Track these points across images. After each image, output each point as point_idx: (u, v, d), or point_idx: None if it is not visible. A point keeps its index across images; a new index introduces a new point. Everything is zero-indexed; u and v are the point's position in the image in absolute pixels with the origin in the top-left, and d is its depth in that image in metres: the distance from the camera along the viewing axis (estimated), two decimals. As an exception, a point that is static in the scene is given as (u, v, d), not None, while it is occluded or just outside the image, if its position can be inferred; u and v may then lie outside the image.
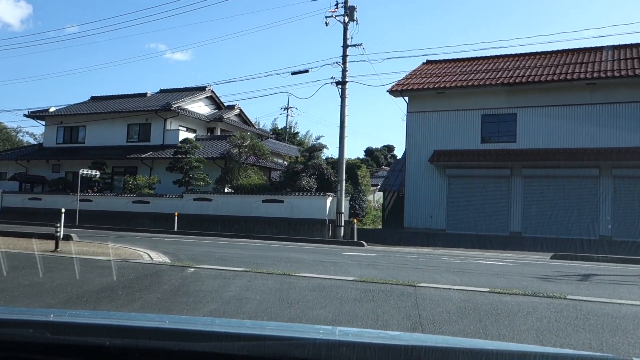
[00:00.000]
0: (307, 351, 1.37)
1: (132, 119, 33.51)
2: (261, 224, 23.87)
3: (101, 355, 1.41)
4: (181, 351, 1.39)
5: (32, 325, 1.54)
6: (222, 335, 1.55)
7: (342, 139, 22.62)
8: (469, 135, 26.73)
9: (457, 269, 10.49)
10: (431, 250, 18.97)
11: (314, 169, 24.48)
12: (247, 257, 12.16)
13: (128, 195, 27.95)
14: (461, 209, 26.44)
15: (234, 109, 37.46)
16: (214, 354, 1.39)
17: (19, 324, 1.60)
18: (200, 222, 25.38)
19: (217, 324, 2.15)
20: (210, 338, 1.49)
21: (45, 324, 1.59)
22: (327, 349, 1.39)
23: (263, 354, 1.38)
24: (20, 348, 1.45)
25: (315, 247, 17.80)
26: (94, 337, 1.49)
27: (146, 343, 1.45)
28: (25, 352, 1.45)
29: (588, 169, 24.04)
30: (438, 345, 1.48)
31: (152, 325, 1.78)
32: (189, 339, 1.46)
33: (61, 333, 1.51)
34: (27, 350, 1.45)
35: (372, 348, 1.42)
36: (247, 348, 1.40)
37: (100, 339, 1.44)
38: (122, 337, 1.47)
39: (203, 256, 11.79)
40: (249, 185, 24.04)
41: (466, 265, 11.50)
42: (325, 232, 22.49)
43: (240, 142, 25.94)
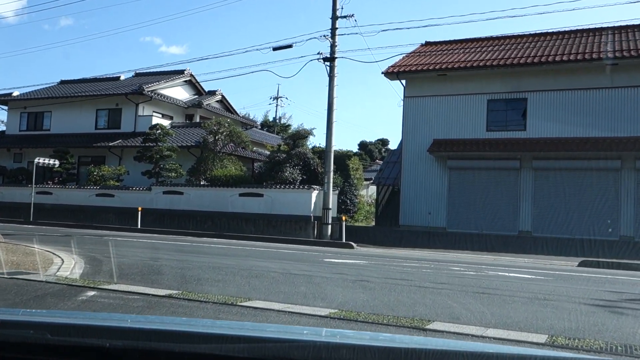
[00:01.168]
0: (307, 353, 1.38)
1: (102, 104, 30.46)
2: (237, 221, 20.94)
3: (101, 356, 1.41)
4: (181, 353, 1.40)
5: (33, 327, 1.56)
6: (223, 337, 1.55)
7: (330, 123, 19.71)
8: (473, 122, 23.87)
9: (478, 289, 7.60)
10: (431, 253, 16.13)
11: (298, 159, 21.55)
12: (197, 267, 9.24)
13: (91, 188, 24.94)
14: (464, 205, 23.61)
15: (215, 95, 34.44)
16: (214, 355, 1.40)
17: (20, 325, 1.62)
18: (170, 218, 22.43)
19: (217, 326, 2.15)
20: (210, 340, 1.50)
21: (46, 325, 1.58)
22: (327, 351, 1.41)
23: (263, 356, 1.40)
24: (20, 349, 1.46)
25: (296, 249, 14.91)
26: (95, 338, 1.49)
27: (146, 344, 1.45)
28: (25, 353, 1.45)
29: (608, 161, 21.22)
30: (438, 348, 1.51)
31: (153, 327, 1.75)
32: (190, 341, 1.47)
33: (61, 334, 1.51)
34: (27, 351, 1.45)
35: (372, 350, 1.43)
36: (248, 350, 1.41)
37: (101, 340, 1.44)
38: (123, 339, 1.47)
39: (136, 266, 8.88)
40: (225, 177, 21.10)
41: (487, 281, 8.62)
42: (310, 230, 19.59)
43: (216, 129, 22.95)
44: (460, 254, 15.97)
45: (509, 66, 23.04)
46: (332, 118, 19.70)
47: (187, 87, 34.01)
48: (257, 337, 1.58)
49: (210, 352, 1.41)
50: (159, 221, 22.58)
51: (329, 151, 19.77)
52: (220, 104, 34.97)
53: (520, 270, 11.08)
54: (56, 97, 31.43)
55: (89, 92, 30.82)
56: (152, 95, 29.02)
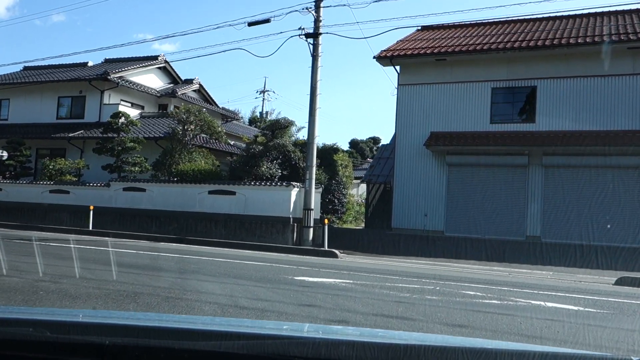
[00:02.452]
0: (306, 350, 1.37)
1: (64, 91, 27.54)
2: (206, 223, 18.15)
3: (101, 353, 1.39)
4: (181, 350, 1.39)
5: (32, 324, 1.55)
6: (222, 334, 1.55)
7: (312, 110, 16.96)
8: (475, 113, 21.25)
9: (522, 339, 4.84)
10: (431, 264, 13.44)
11: (277, 152, 18.80)
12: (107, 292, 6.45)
13: (44, 183, 22.02)
14: (464, 206, 20.98)
15: (192, 84, 31.59)
16: (214, 352, 1.38)
17: (19, 323, 1.62)
18: (130, 218, 19.59)
19: (217, 323, 2.16)
20: (210, 337, 1.49)
21: (45, 323, 1.58)
22: (326, 348, 1.40)
23: (263, 353, 1.38)
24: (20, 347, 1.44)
25: (267, 259, 12.17)
26: (94, 335, 1.49)
27: (146, 342, 1.44)
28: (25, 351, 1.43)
29: (630, 157, 18.63)
30: (437, 344, 1.50)
31: (152, 325, 1.77)
32: (189, 338, 1.46)
33: (61, 332, 1.51)
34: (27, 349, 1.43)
35: (372, 347, 1.41)
36: (247, 347, 1.40)
37: (100, 338, 1.43)
38: (122, 336, 1.46)
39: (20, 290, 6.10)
40: (192, 172, 18.30)
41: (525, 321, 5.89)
42: (289, 234, 16.84)
43: (185, 117, 20.13)
44: (465, 265, 13.29)
45: (516, 50, 20.40)
46: (315, 104, 16.95)
47: (162, 75, 31.14)
48: (256, 334, 1.60)
49: (210, 349, 1.39)
50: (117, 222, 19.74)
51: (311, 143, 17.02)
52: (198, 93, 32.12)
53: (556, 294, 8.38)
54: (13, 83, 28.45)
55: (50, 78, 27.84)
56: (118, 82, 26.12)
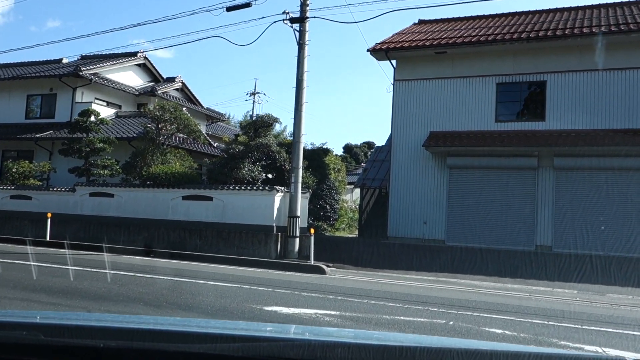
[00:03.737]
0: (302, 352, 1.37)
1: (34, 88, 25.49)
2: (179, 232, 16.14)
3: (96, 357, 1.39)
4: (176, 352, 1.39)
5: (26, 327, 1.53)
6: (217, 336, 1.53)
7: (298, 104, 15.02)
8: (479, 111, 19.38)
9: None
10: (433, 279, 11.49)
11: (260, 153, 16.84)
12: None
13: (4, 188, 19.96)
14: (467, 212, 19.07)
15: (175, 82, 29.58)
16: (209, 355, 1.38)
17: (13, 326, 1.59)
18: (97, 227, 17.55)
19: (212, 326, 2.17)
20: (205, 339, 1.48)
21: (39, 326, 1.56)
22: (322, 350, 1.39)
23: (258, 355, 1.38)
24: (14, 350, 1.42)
25: (239, 278, 10.17)
26: (88, 339, 1.47)
27: (141, 345, 1.43)
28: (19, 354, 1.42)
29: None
30: (432, 346, 1.49)
31: (147, 327, 1.76)
32: (184, 341, 1.45)
33: (55, 335, 1.48)
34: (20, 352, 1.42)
35: (367, 349, 1.41)
36: (243, 349, 1.40)
37: (95, 341, 1.42)
38: (117, 339, 1.45)
39: None
40: (165, 175, 16.29)
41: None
42: (272, 245, 14.85)
43: (159, 114, 18.13)
44: (474, 282, 11.34)
45: (523, 41, 18.55)
46: (301, 98, 15.01)
47: (141, 73, 29.13)
48: (252, 337, 1.58)
49: (205, 352, 1.38)
50: (83, 231, 17.70)
51: (297, 142, 15.07)
52: (181, 92, 30.11)
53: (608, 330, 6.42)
54: (-21, 81, 26.38)
55: (19, 75, 25.78)
56: (91, 78, 24.10)
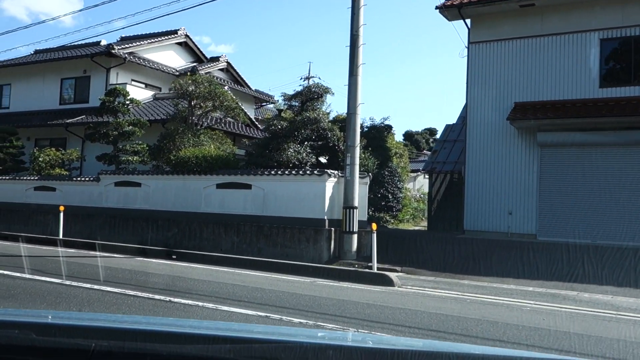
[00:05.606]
0: (294, 354, 1.37)
1: (67, 71, 23.52)
2: (214, 228, 13.45)
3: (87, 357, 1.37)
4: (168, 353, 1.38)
5: (18, 326, 1.52)
6: (210, 337, 1.53)
7: (353, 67, 11.94)
8: (577, 75, 15.68)
9: None
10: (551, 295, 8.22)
11: (309, 130, 13.85)
12: None
13: (28, 179, 17.91)
14: (564, 199, 15.50)
15: (219, 62, 27.07)
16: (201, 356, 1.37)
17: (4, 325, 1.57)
18: (123, 222, 15.12)
19: (204, 327, 2.16)
20: (197, 340, 1.48)
21: (31, 325, 1.55)
22: (313, 352, 1.38)
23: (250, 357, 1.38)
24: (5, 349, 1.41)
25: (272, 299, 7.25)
26: (80, 338, 1.45)
27: (133, 345, 1.42)
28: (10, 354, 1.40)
29: None
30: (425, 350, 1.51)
31: (139, 328, 1.77)
32: (176, 342, 1.45)
33: (47, 334, 1.48)
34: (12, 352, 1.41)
35: (359, 351, 1.40)
36: (235, 351, 1.39)
37: (87, 341, 1.41)
38: (109, 339, 1.43)
39: None
40: (195, 159, 13.61)
41: None
42: (323, 244, 11.89)
43: (191, 90, 15.47)
44: (609, 298, 7.98)
45: (637, -16, 14.71)
46: (357, 58, 11.91)
47: (183, 52, 26.76)
48: (244, 338, 1.56)
49: (197, 353, 1.38)
50: (107, 226, 15.33)
51: (352, 113, 12.01)
52: (226, 73, 27.55)
53: None
54: (13, 66, 24.68)
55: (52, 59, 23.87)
56: (125, 57, 21.82)
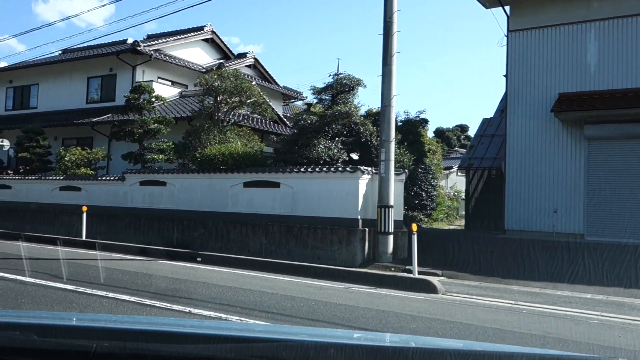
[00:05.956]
0: (295, 353, 1.35)
1: (93, 69, 23.24)
2: (241, 228, 12.82)
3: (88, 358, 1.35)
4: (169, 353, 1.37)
5: (19, 328, 1.51)
6: (211, 337, 1.52)
7: (387, 56, 11.16)
8: (629, 62, 14.59)
9: None
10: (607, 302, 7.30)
11: (340, 125, 13.11)
12: None
13: (54, 179, 17.59)
14: (614, 197, 14.44)
15: (246, 58, 26.51)
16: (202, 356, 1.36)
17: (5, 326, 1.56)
18: (148, 222, 14.62)
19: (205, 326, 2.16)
20: (198, 340, 1.47)
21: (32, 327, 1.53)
22: (315, 351, 1.37)
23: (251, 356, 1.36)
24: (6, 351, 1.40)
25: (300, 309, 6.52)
26: (81, 339, 1.45)
27: (134, 345, 1.41)
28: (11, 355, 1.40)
29: None
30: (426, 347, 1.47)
31: (140, 328, 1.73)
32: (177, 341, 1.44)
33: (48, 335, 1.46)
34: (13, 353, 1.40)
35: (360, 349, 1.39)
36: (236, 350, 1.38)
37: (88, 342, 1.39)
38: (110, 340, 1.42)
39: None
40: (222, 156, 13.00)
41: None
42: (357, 245, 11.14)
43: (217, 85, 14.87)
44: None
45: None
46: (391, 46, 11.12)
47: (209, 49, 26.29)
48: (245, 337, 1.55)
49: (198, 353, 1.36)
50: (132, 227, 14.85)
51: (387, 106, 11.22)
52: (253, 69, 26.98)
53: None
54: (41, 65, 24.54)
55: (77, 56, 23.63)
56: (151, 54, 21.41)
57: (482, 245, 13.46)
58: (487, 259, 11.31)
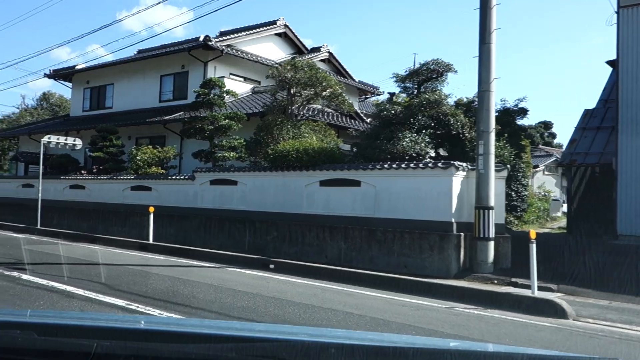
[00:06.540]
0: (295, 352, 1.33)
1: (166, 67, 22.83)
2: (317, 231, 11.60)
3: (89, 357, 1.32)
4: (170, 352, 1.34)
5: (20, 327, 1.50)
6: (211, 337, 1.50)
7: (485, 34, 9.61)
8: None
9: None
10: None
11: (426, 116, 11.62)
12: None
13: (125, 179, 17.10)
14: None
15: (320, 52, 25.38)
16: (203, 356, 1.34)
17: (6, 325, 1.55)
18: (218, 224, 13.72)
19: (206, 326, 2.11)
20: (199, 340, 1.45)
21: (33, 326, 1.52)
22: (315, 350, 1.36)
23: (252, 356, 1.34)
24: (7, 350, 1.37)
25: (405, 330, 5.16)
26: (82, 339, 1.42)
27: (134, 345, 1.39)
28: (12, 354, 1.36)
29: None
30: (426, 347, 1.45)
31: (141, 327, 1.73)
32: (178, 341, 1.42)
33: (49, 334, 1.45)
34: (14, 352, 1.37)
35: (361, 349, 1.37)
36: (236, 350, 1.36)
37: (88, 341, 1.36)
38: (110, 339, 1.40)
39: None
40: (296, 153, 11.84)
41: None
42: (451, 253, 9.64)
43: (290, 76, 13.75)
44: None
45: None
46: (490, 22, 9.55)
47: (282, 44, 25.37)
48: (245, 337, 1.53)
49: (199, 352, 1.34)
50: (202, 229, 14.00)
51: (486, 91, 9.66)
52: (328, 64, 25.80)
53: None
54: (115, 64, 24.46)
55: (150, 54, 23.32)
56: (222, 49, 20.66)
57: (594, 253, 11.53)
58: (607, 271, 9.51)
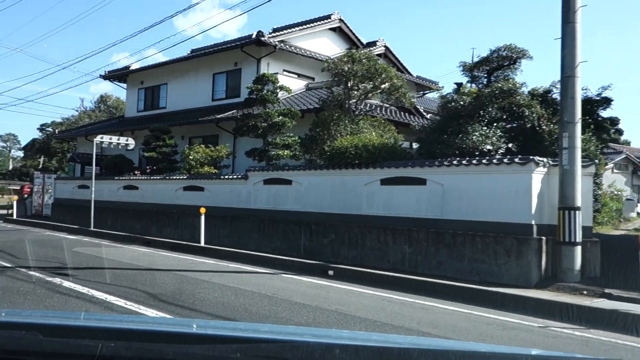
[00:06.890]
0: (300, 353, 1.34)
1: (218, 66, 22.45)
2: (378, 234, 10.73)
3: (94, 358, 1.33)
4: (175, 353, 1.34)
5: (25, 327, 1.50)
6: (216, 337, 1.50)
7: (568, 12, 8.49)
8: None
9: None
10: None
11: (497, 108, 10.54)
12: None
13: (178, 179, 16.72)
14: None
15: (375, 46, 24.42)
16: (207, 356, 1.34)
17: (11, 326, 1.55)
18: (273, 225, 13.04)
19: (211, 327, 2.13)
20: (204, 341, 1.45)
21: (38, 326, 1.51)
22: (320, 351, 1.35)
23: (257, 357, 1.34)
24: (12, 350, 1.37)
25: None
26: (87, 339, 1.41)
27: (140, 345, 1.40)
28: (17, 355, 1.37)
29: None
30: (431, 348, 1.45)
31: (146, 328, 1.73)
32: (183, 341, 1.42)
33: (54, 335, 1.45)
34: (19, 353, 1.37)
35: (366, 350, 1.38)
36: (241, 351, 1.35)
37: (94, 341, 1.36)
38: (115, 340, 1.40)
39: None
40: (354, 149, 11.00)
41: None
42: (531, 259, 8.57)
43: (347, 69, 12.92)
44: None
45: None
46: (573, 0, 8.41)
47: (337, 38, 24.57)
48: (250, 338, 1.54)
49: (203, 353, 1.35)
50: (256, 230, 13.36)
51: (570, 77, 8.55)
52: (384, 58, 24.73)
53: None
54: (168, 63, 24.30)
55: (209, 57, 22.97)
56: (275, 44, 20.08)
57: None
58: None
